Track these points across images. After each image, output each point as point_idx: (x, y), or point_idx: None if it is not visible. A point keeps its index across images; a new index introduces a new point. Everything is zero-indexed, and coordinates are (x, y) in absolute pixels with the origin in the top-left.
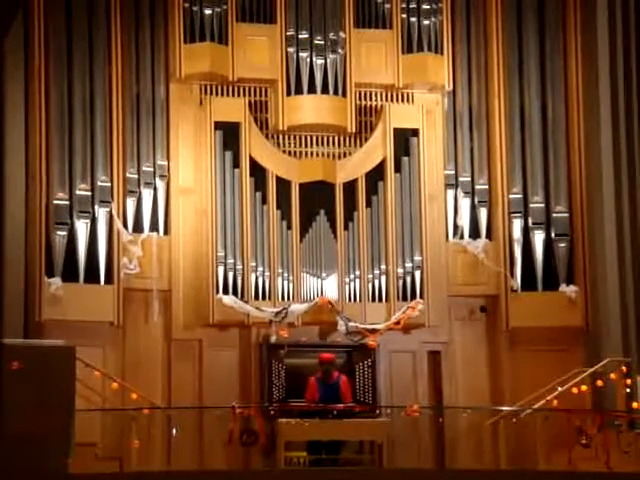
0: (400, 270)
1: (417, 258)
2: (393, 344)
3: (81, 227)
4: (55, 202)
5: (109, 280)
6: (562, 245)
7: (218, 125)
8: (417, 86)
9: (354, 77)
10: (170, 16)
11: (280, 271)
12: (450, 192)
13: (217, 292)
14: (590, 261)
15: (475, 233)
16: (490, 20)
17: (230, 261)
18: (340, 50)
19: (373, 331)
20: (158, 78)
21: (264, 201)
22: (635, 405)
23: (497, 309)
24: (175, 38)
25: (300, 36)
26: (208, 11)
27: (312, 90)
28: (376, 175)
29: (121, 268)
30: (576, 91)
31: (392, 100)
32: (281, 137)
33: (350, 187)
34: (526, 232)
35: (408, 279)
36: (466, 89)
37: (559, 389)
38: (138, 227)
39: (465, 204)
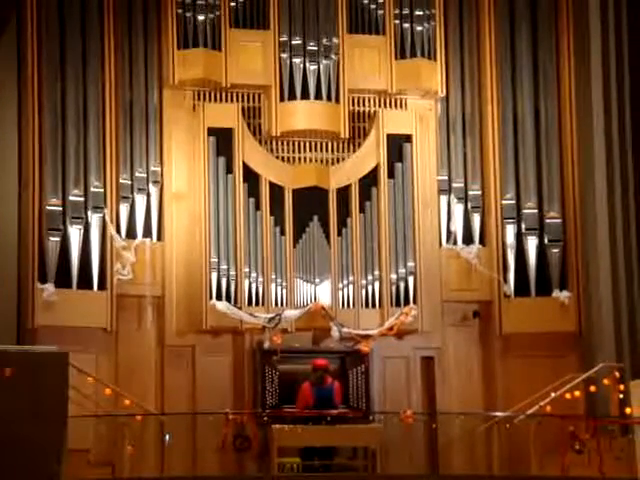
0: (393, 276)
1: (410, 264)
2: (386, 350)
3: (74, 233)
4: (48, 208)
5: (102, 286)
6: (555, 251)
7: (211, 131)
8: (410, 92)
9: (347, 83)
10: (163, 22)
11: (273, 277)
12: (443, 198)
13: (210, 298)
14: (583, 267)
15: (468, 239)
16: (483, 26)
17: (223, 267)
18: (333, 56)
19: (366, 337)
20: (151, 84)
21: (257, 207)
22: (628, 411)
23: (490, 315)
24: (168, 44)
25: (293, 42)
26: (201, 17)
27: (305, 96)
28: (369, 181)
29: (114, 274)
30: (569, 97)
31: (385, 106)
32: (274, 143)
33: (343, 193)
34: (519, 238)
35: (401, 285)
36: (459, 95)
37: (552, 395)
38: (131, 233)
39: (458, 210)
